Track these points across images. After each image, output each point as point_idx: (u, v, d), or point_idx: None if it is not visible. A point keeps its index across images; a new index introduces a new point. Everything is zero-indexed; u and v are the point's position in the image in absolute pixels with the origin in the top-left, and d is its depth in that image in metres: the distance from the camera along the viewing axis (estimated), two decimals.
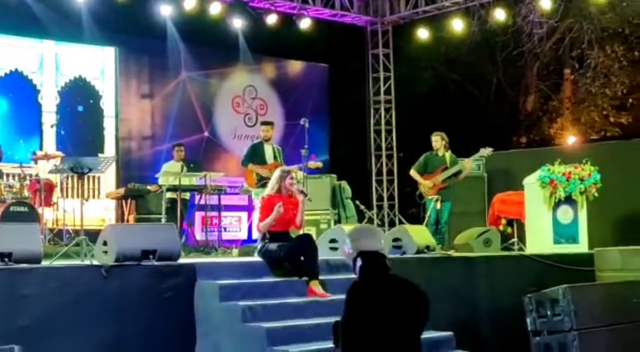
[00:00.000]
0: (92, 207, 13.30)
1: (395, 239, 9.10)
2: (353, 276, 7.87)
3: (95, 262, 6.81)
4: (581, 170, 10.63)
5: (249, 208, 15.49)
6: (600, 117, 21.64)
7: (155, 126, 14.82)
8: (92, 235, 9.53)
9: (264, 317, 6.77)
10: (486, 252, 10.01)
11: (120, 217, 12.55)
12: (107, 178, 13.78)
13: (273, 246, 7.54)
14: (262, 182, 10.43)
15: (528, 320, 8.88)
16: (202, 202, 11.88)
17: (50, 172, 9.60)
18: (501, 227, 11.79)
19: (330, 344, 6.52)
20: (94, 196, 13.83)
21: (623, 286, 9.10)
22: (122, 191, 11.79)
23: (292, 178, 7.88)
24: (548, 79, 22.87)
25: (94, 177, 13.71)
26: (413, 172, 11.55)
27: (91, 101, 14.11)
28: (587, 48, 20.30)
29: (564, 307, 8.54)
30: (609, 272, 9.53)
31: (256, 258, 7.81)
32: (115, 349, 6.58)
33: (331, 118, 17.01)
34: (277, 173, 7.97)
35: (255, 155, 10.65)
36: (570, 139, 20.26)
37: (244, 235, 15.25)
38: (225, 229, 14.11)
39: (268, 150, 10.71)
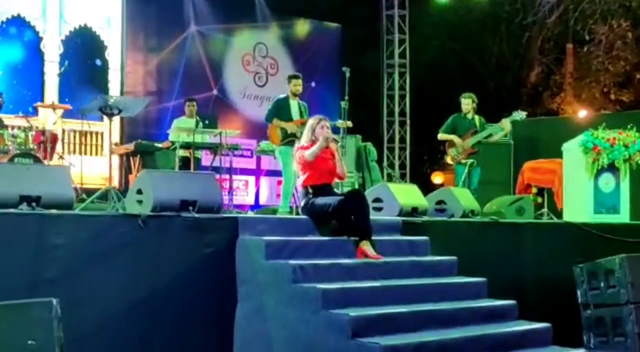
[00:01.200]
0: (94, 165, 12.55)
1: (439, 202, 8.46)
2: (400, 237, 7.36)
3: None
4: (626, 136, 10.03)
5: (257, 172, 14.82)
6: (601, 94, 21.26)
7: (162, 81, 14.06)
8: (94, 193, 8.90)
9: (316, 278, 6.10)
10: (514, 220, 9.41)
11: (125, 176, 11.83)
12: (111, 135, 12.98)
13: (319, 202, 6.86)
14: (288, 139, 9.75)
15: (579, 292, 8.31)
16: (216, 162, 11.14)
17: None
18: (531, 197, 11.18)
19: (385, 309, 5.98)
20: (96, 153, 13.07)
21: None
22: (131, 146, 11.03)
23: (324, 127, 7.17)
24: (550, 53, 22.51)
25: (96, 133, 12.98)
26: (442, 135, 10.88)
27: (96, 52, 13.29)
28: (591, 23, 19.81)
29: (620, 279, 7.97)
30: None
31: (299, 215, 7.12)
32: (149, 306, 5.94)
33: (341, 81, 16.27)
34: (310, 121, 7.27)
35: (280, 110, 9.91)
36: (582, 113, 19.73)
37: (251, 200, 14.57)
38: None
39: (294, 106, 9.98)
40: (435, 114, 19.42)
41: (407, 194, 7.97)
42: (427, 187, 12.23)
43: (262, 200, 14.76)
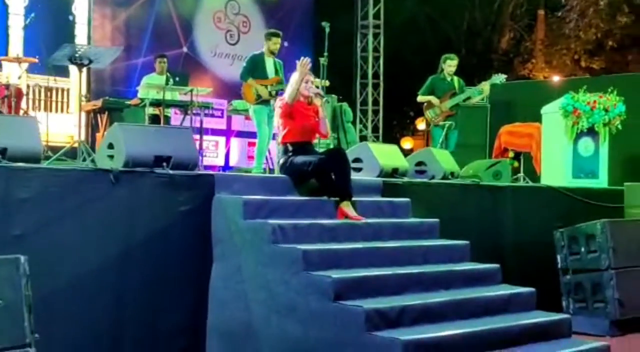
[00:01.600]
0: (59, 122, 12.17)
1: (419, 163, 8.24)
2: (380, 198, 7.14)
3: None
4: (607, 100, 9.86)
5: (227, 132, 14.50)
6: (571, 61, 21.21)
7: (131, 37, 13.61)
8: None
9: (296, 238, 5.85)
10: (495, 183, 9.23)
11: (92, 134, 11.46)
12: (76, 91, 12.59)
13: (299, 160, 6.59)
14: (262, 97, 9.47)
15: (558, 257, 8.21)
16: (186, 121, 10.81)
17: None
18: (508, 161, 11.01)
19: (367, 272, 5.76)
20: (62, 110, 12.66)
21: None
22: (99, 103, 10.62)
23: (307, 81, 6.89)
24: (522, 19, 22.44)
25: (62, 89, 12.57)
26: (421, 97, 10.65)
27: (62, 5, 12.82)
28: None
29: (601, 244, 7.89)
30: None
31: (279, 175, 6.86)
32: (122, 265, 5.68)
33: (315, 40, 15.96)
34: (292, 76, 6.98)
35: (255, 68, 9.62)
36: (555, 78, 19.63)
37: (221, 161, 14.25)
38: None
39: (269, 64, 9.71)
40: (405, 79, 19.34)
41: (388, 155, 7.74)
42: None
43: (233, 161, 14.47)
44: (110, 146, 5.94)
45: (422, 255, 6.29)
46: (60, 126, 12.29)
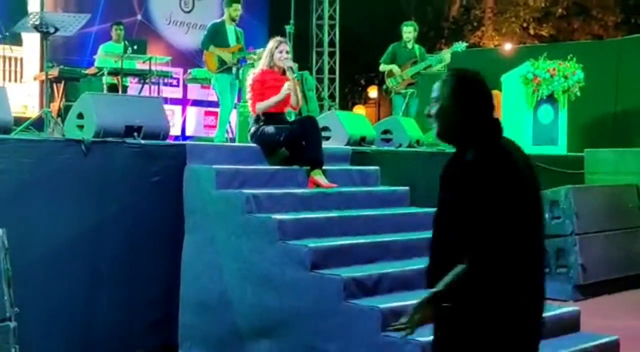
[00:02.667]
0: (13, 93, 11.86)
1: (385, 131, 8.25)
2: (350, 166, 7.14)
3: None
4: (566, 67, 9.98)
5: (183, 102, 14.33)
6: (520, 28, 21.39)
7: (84, 4, 13.22)
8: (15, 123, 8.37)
9: (270, 208, 5.83)
10: None
11: (47, 104, 11.23)
12: (30, 60, 12.32)
13: (270, 129, 6.55)
14: (225, 66, 9.36)
15: None
16: (145, 91, 10.65)
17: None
18: None
19: (342, 241, 5.77)
20: (15, 80, 12.36)
21: (619, 190, 8.62)
22: (55, 72, 10.36)
23: (282, 51, 6.80)
24: None
25: (15, 58, 12.24)
26: (383, 66, 10.62)
27: None
28: None
29: (565, 210, 8.00)
30: (600, 175, 9.01)
31: (249, 143, 6.80)
32: (96, 236, 5.62)
33: (270, 8, 15.83)
34: (269, 44, 6.89)
35: (216, 36, 9.46)
36: (507, 46, 19.79)
37: (177, 131, 14.07)
38: None
39: (231, 32, 9.56)
40: (356, 48, 19.29)
41: (356, 123, 7.74)
42: None
43: (189, 131, 14.31)
44: (80, 116, 5.84)
45: (395, 223, 6.31)
46: (14, 97, 11.98)
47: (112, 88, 10.32)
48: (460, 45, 10.61)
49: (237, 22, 9.75)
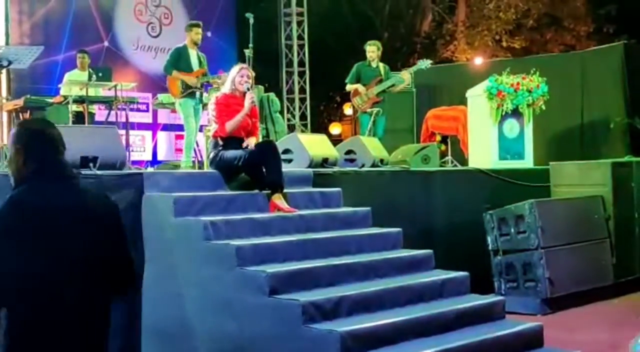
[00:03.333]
0: None
1: (349, 151, 8.26)
2: (312, 189, 7.14)
3: None
4: (529, 81, 10.03)
5: (153, 126, 14.30)
6: (492, 41, 21.47)
7: (50, 33, 13.23)
8: None
9: (228, 234, 5.83)
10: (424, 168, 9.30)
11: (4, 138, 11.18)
12: (0, 89, 12.24)
13: (229, 154, 6.54)
14: (188, 91, 9.37)
15: (489, 238, 8.34)
16: (112, 117, 10.62)
17: None
18: (435, 144, 11.12)
19: (302, 264, 5.75)
20: None
21: (584, 201, 8.67)
22: (20, 102, 10.33)
23: (243, 76, 6.83)
24: (443, 1, 22.60)
25: None
26: (349, 85, 10.64)
27: None
28: None
29: (530, 224, 8.05)
30: (565, 187, 9.05)
31: (207, 169, 6.79)
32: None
33: (238, 31, 15.84)
34: (232, 71, 6.91)
35: (179, 61, 9.47)
36: (477, 60, 19.89)
37: (148, 156, 14.04)
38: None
39: (193, 56, 9.58)
40: (330, 64, 19.36)
41: (317, 145, 7.74)
42: None
43: (160, 155, 14.26)
44: None
45: (356, 244, 6.31)
46: None
47: (79, 116, 10.30)
48: (425, 63, 10.62)
49: (200, 46, 9.76)
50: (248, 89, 6.79)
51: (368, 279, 5.92)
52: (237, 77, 6.81)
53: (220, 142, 6.66)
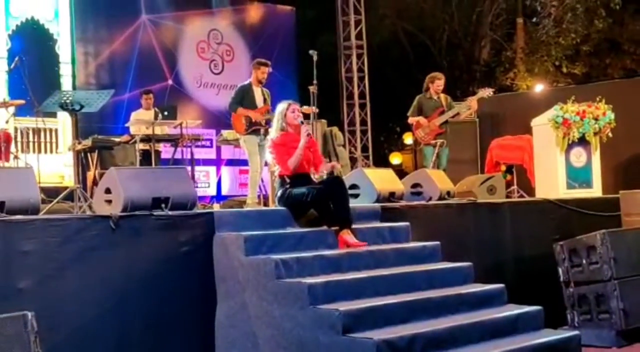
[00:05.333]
0: (49, 163, 12.11)
1: (415, 185, 8.23)
2: (380, 224, 7.13)
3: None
4: (595, 108, 9.89)
5: (217, 162, 14.47)
6: (553, 67, 21.26)
7: (115, 73, 13.59)
8: (51, 192, 8.48)
9: (299, 272, 5.84)
10: (491, 200, 9.21)
11: (83, 173, 11.40)
12: (65, 131, 12.53)
13: (297, 191, 6.58)
14: (253, 127, 9.44)
15: (560, 270, 8.16)
16: (177, 154, 10.78)
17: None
18: (501, 174, 11.02)
19: (374, 302, 5.73)
20: (50, 151, 12.59)
21: None
22: (89, 142, 10.56)
23: (294, 111, 6.88)
24: (501, 29, 22.49)
25: (50, 130, 12.49)
26: (411, 118, 10.62)
27: (45, 46, 12.77)
28: None
29: (602, 255, 7.85)
30: (637, 216, 8.86)
31: (274, 206, 6.84)
32: (124, 311, 5.63)
33: (299, 65, 15.99)
34: (279, 107, 6.97)
35: (244, 98, 9.57)
36: (538, 87, 19.71)
37: (213, 191, 14.21)
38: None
39: (258, 93, 9.66)
40: (389, 95, 19.40)
41: (384, 179, 7.74)
42: None
43: (225, 190, 14.43)
44: (108, 191, 5.91)
45: (426, 280, 6.27)
46: (51, 166, 12.22)
47: (145, 154, 10.47)
48: (486, 91, 10.54)
49: (265, 83, 9.86)
50: (302, 122, 6.84)
51: (440, 315, 5.87)
52: (289, 113, 6.86)
53: (287, 180, 6.70)
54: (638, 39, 20.48)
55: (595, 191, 9.95)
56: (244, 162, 12.77)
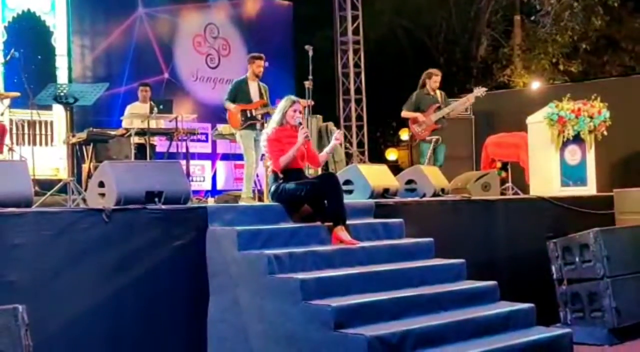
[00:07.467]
0: (44, 156, 12.06)
1: (409, 181, 8.23)
2: (373, 220, 7.13)
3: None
4: (590, 107, 9.89)
5: (212, 156, 14.46)
6: (550, 65, 21.27)
7: (111, 67, 13.55)
8: (46, 185, 8.46)
9: (292, 267, 5.84)
10: (485, 197, 9.21)
11: (78, 166, 11.37)
12: (60, 124, 12.50)
13: (290, 187, 6.58)
14: (248, 122, 9.43)
15: (553, 267, 8.19)
16: (172, 147, 10.76)
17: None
18: (496, 171, 11.02)
19: (366, 298, 5.73)
20: (45, 143, 12.56)
21: None
22: (84, 135, 10.52)
23: (296, 110, 6.87)
24: (498, 26, 22.50)
25: (45, 122, 12.45)
26: (406, 112, 10.62)
27: (41, 38, 12.74)
28: None
29: (595, 253, 7.88)
30: (630, 215, 8.88)
31: (268, 201, 6.84)
32: (118, 305, 5.62)
33: (296, 60, 15.96)
34: (282, 103, 6.96)
35: (239, 93, 9.57)
36: (535, 85, 19.71)
37: (207, 185, 14.20)
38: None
39: (253, 88, 9.65)
40: (385, 91, 19.39)
41: (378, 175, 7.74)
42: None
43: (220, 185, 14.41)
44: (101, 184, 5.91)
45: (419, 276, 6.27)
46: (46, 159, 12.18)
47: (141, 148, 10.45)
48: (480, 91, 10.57)
49: (261, 78, 9.84)
50: (300, 123, 6.83)
51: (432, 312, 5.88)
52: (290, 111, 6.84)
53: (281, 175, 6.70)
54: (636, 36, 20.50)
55: (590, 189, 9.95)
56: (240, 157, 12.75)
